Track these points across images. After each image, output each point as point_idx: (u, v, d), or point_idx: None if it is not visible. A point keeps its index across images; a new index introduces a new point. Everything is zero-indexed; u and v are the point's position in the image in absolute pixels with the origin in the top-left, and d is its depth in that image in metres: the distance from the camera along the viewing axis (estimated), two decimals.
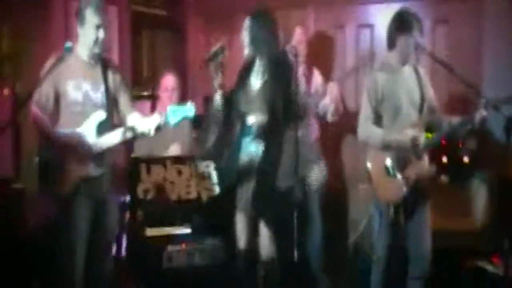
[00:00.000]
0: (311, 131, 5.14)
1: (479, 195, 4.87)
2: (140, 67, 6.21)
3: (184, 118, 3.91)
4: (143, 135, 3.95)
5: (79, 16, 3.89)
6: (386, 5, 5.70)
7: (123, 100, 4.11)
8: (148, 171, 4.64)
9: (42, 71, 3.78)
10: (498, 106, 3.78)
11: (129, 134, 3.93)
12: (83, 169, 3.88)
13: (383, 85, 4.10)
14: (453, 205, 4.81)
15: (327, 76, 5.41)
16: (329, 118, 4.99)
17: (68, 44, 3.70)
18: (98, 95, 3.96)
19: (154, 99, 5.36)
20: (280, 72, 4.20)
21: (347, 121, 5.24)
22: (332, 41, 5.88)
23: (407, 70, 4.18)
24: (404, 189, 4.00)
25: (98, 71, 3.98)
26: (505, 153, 3.74)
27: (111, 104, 4.01)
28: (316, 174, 5.06)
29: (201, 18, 6.47)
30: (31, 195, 4.70)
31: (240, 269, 4.30)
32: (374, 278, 4.21)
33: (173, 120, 3.86)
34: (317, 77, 5.28)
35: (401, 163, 4.03)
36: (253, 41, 4.22)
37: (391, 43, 4.15)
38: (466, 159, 4.75)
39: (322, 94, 5.00)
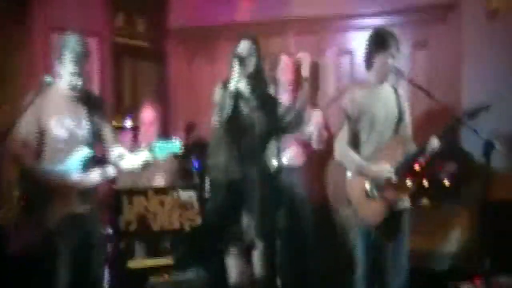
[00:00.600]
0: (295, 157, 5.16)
1: (460, 217, 4.87)
2: (122, 96, 6.20)
3: (170, 153, 3.94)
4: (129, 171, 3.95)
5: (58, 57, 3.78)
6: (366, 31, 5.76)
7: (107, 133, 4.02)
8: (130, 202, 4.62)
9: (23, 105, 3.71)
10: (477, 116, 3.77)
11: (113, 171, 3.90)
12: (68, 206, 3.81)
13: (360, 101, 4.10)
14: (435, 226, 4.81)
15: (312, 102, 5.43)
16: (314, 144, 5.02)
17: (48, 78, 3.69)
18: (82, 132, 3.88)
19: (135, 129, 5.33)
20: (267, 102, 4.29)
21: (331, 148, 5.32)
22: (317, 68, 5.90)
23: (386, 88, 4.19)
24: (384, 211, 3.99)
25: (80, 106, 3.89)
26: (485, 176, 3.75)
27: (95, 139, 3.94)
28: (302, 199, 5.07)
29: (182, 48, 6.48)
30: (11, 227, 4.66)
31: None
32: None
33: (160, 156, 3.89)
34: (302, 95, 5.29)
35: (380, 186, 4.02)
36: (242, 63, 4.23)
37: (369, 62, 4.17)
38: (446, 182, 4.76)
39: (307, 121, 5.04)
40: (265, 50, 5.90)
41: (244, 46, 4.33)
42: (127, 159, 3.91)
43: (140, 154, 3.90)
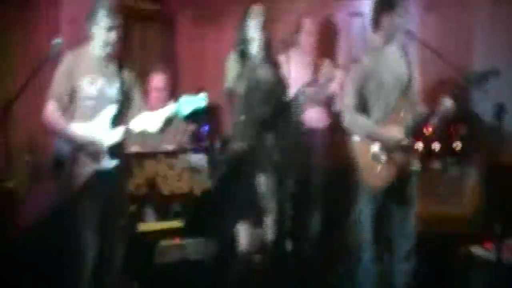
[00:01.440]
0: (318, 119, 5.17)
1: (471, 181, 4.86)
2: (131, 61, 6.16)
3: (197, 109, 3.90)
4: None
5: (91, 15, 3.91)
6: None
7: (137, 98, 4.14)
8: (140, 165, 4.63)
9: (58, 68, 3.89)
10: (487, 80, 3.73)
11: (137, 128, 3.97)
12: (96, 163, 3.90)
13: (367, 67, 4.06)
14: (445, 190, 4.80)
15: (334, 64, 5.42)
16: (338, 104, 5.03)
17: (57, 40, 3.76)
18: (113, 91, 3.98)
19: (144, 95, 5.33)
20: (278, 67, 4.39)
21: None
22: (337, 29, 5.86)
23: (393, 49, 4.15)
24: (391, 175, 3.98)
25: (112, 68, 4.01)
26: (496, 139, 3.72)
27: (125, 100, 4.03)
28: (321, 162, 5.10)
29: (190, 11, 6.43)
30: (22, 194, 4.71)
31: (234, 262, 4.32)
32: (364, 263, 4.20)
33: (185, 110, 3.88)
34: (327, 65, 5.29)
35: (387, 151, 4.00)
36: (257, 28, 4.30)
37: (376, 23, 4.12)
38: (457, 146, 4.74)
39: (330, 81, 5.04)
40: (274, 14, 5.98)
41: (258, 11, 4.30)
42: (152, 116, 3.96)
43: (165, 110, 3.94)
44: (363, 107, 4.08)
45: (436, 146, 4.50)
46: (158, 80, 5.27)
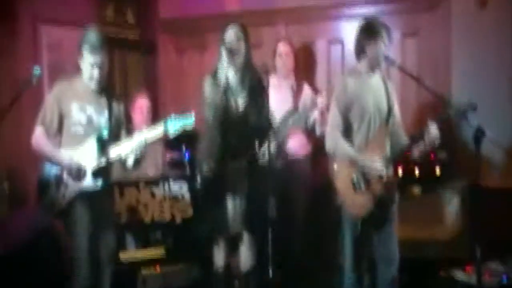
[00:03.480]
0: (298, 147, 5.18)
1: (451, 205, 4.87)
2: (112, 88, 6.16)
3: (183, 127, 3.97)
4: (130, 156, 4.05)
5: (79, 51, 4.01)
6: (357, 21, 5.74)
7: (126, 128, 4.23)
8: (121, 193, 4.61)
9: (49, 94, 4.05)
10: (465, 114, 3.76)
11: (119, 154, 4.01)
12: (80, 184, 3.96)
13: (351, 90, 4.07)
14: (426, 215, 4.81)
15: (313, 89, 5.44)
16: (318, 130, 5.04)
17: (36, 70, 3.81)
18: (101, 119, 4.07)
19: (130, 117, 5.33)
20: (257, 93, 4.25)
21: None
22: (315, 55, 5.90)
23: (376, 78, 4.18)
24: (370, 203, 3.99)
25: (103, 98, 4.10)
26: (476, 163, 3.74)
27: (113, 129, 4.09)
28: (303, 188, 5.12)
29: (172, 38, 6.45)
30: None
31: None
32: None
33: (172, 129, 3.96)
34: (307, 91, 5.31)
35: (367, 178, 4.01)
36: (231, 52, 4.24)
37: (360, 52, 4.14)
38: (437, 170, 4.76)
39: (312, 107, 5.05)
40: (255, 40, 6.01)
41: (232, 34, 4.30)
42: (142, 134, 4.03)
43: (154, 129, 4.02)
44: (346, 131, 4.09)
45: (416, 171, 4.50)
46: (142, 101, 5.27)
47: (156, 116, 5.32)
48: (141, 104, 5.28)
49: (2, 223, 4.77)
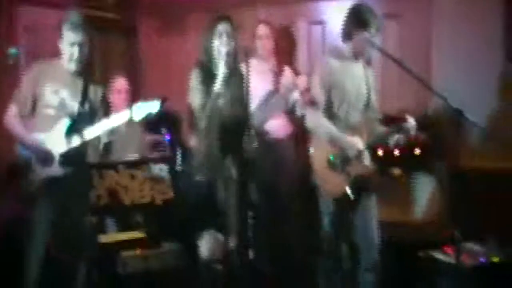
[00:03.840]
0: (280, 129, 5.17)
1: (431, 187, 4.90)
2: (92, 69, 6.11)
3: (149, 114, 3.96)
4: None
5: (59, 31, 3.99)
6: (337, 1, 5.73)
7: (101, 114, 4.20)
8: (101, 176, 4.57)
9: (25, 75, 4.07)
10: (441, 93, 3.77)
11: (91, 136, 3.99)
12: (48, 170, 3.95)
13: (334, 71, 4.08)
14: (406, 196, 4.84)
15: (294, 71, 5.44)
16: (299, 111, 5.04)
17: (13, 50, 3.80)
18: (74, 104, 4.05)
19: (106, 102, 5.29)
20: (236, 80, 4.23)
21: None
22: (296, 36, 5.88)
23: (358, 65, 4.18)
24: (346, 184, 4.00)
25: (79, 82, 4.08)
26: (455, 144, 3.76)
27: (86, 113, 4.07)
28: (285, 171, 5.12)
29: (153, 20, 6.41)
30: None
31: (196, 272, 4.29)
32: (327, 273, 4.21)
33: (138, 116, 3.95)
34: (287, 73, 5.30)
35: (344, 159, 4.02)
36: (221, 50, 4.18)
37: (346, 36, 4.13)
38: (417, 151, 4.78)
39: (292, 89, 5.04)
40: (237, 22, 5.97)
41: (222, 29, 4.23)
42: (110, 120, 4.01)
43: (120, 115, 4.00)
44: (327, 111, 4.08)
45: (396, 152, 4.52)
46: (120, 82, 5.26)
47: (136, 99, 5.27)
48: (120, 86, 5.25)
49: None
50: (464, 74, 5.13)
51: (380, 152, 4.13)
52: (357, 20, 4.07)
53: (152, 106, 3.95)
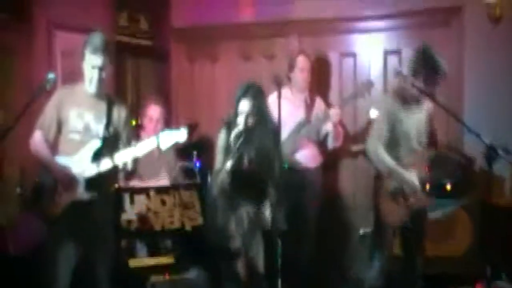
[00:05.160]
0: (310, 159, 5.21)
1: (462, 222, 4.89)
2: (124, 95, 6.19)
3: (176, 143, 3.91)
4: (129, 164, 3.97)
5: (81, 53, 3.94)
6: (369, 34, 5.78)
7: (125, 136, 4.13)
8: (132, 201, 4.62)
9: (49, 100, 4.00)
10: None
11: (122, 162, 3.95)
12: (73, 194, 3.90)
13: (398, 108, 4.22)
14: (437, 231, 4.82)
15: (326, 103, 5.50)
16: (331, 143, 5.09)
17: (51, 75, 3.81)
18: (99, 127, 4.00)
19: (138, 128, 5.31)
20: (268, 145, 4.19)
21: (346, 146, 5.56)
22: (330, 68, 5.92)
23: (420, 105, 4.31)
24: (405, 215, 4.15)
25: (103, 105, 4.04)
26: (487, 180, 3.76)
27: (111, 137, 4.03)
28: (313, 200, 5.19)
29: (185, 46, 6.48)
30: (13, 224, 4.71)
31: None
32: None
33: (165, 144, 3.88)
34: (320, 104, 5.34)
35: (403, 191, 4.16)
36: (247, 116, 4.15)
37: (415, 75, 4.22)
38: (448, 187, 4.77)
39: (324, 120, 5.07)
40: (268, 52, 6.04)
41: (243, 107, 4.15)
42: (137, 147, 3.93)
43: (147, 142, 3.92)
44: (387, 146, 4.22)
45: (427, 187, 4.53)
46: (154, 109, 5.22)
47: (167, 124, 5.31)
48: (153, 112, 5.24)
49: (14, 226, 4.78)
50: (498, 105, 5.13)
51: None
52: (426, 63, 4.18)
53: (179, 135, 3.89)
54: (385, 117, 4.23)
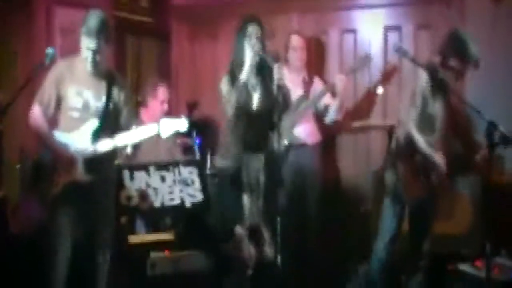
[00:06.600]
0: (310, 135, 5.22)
1: (462, 201, 4.89)
2: (124, 72, 6.16)
3: (176, 132, 3.97)
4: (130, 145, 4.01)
5: (80, 30, 3.88)
6: (369, 10, 5.74)
7: (125, 115, 4.12)
8: (131, 177, 4.62)
9: (48, 75, 3.94)
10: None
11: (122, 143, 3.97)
12: (72, 174, 3.88)
13: (426, 90, 4.17)
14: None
15: (324, 81, 5.49)
16: (333, 115, 5.06)
17: (50, 50, 3.77)
18: (98, 105, 3.97)
19: (139, 105, 5.30)
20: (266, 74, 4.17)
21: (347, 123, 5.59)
22: (326, 46, 5.90)
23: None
24: (426, 188, 4.15)
25: (103, 82, 4.00)
26: (488, 158, 3.74)
27: (110, 115, 4.01)
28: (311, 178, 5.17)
29: (185, 24, 6.44)
30: (14, 202, 4.71)
31: (226, 276, 4.31)
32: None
33: (165, 132, 3.94)
34: (318, 83, 5.33)
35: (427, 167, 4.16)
36: (251, 49, 4.14)
37: (445, 57, 4.20)
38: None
39: (322, 94, 5.05)
40: (269, 29, 5.99)
41: (252, 30, 4.20)
42: (137, 132, 3.96)
43: (148, 128, 3.96)
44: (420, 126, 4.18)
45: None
46: (163, 91, 5.19)
47: (168, 103, 5.28)
48: (161, 94, 5.20)
49: (15, 206, 4.79)
50: (498, 87, 5.11)
51: None
52: (456, 46, 4.15)
53: (180, 124, 3.94)
54: (423, 94, 4.16)
